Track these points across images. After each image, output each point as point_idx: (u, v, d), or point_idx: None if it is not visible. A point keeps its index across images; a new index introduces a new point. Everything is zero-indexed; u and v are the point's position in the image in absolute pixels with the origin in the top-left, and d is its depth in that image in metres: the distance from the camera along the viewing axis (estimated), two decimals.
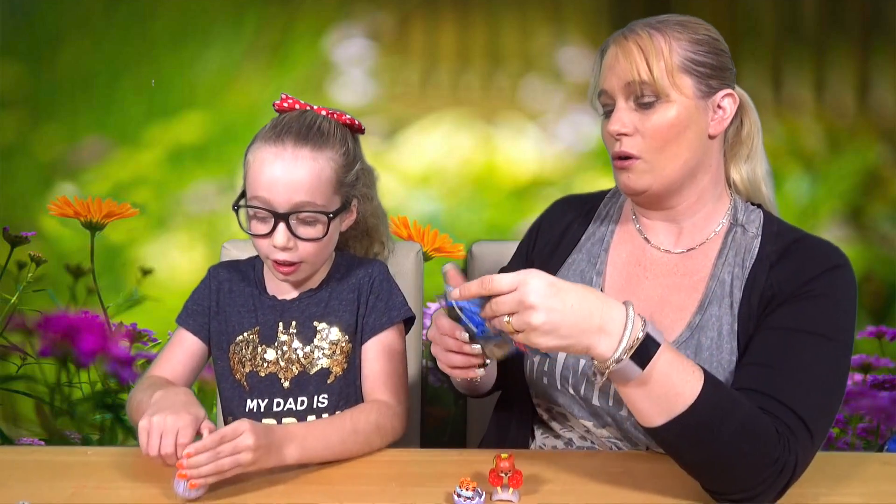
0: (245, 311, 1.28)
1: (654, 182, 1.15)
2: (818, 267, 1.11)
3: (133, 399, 1.22)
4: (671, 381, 0.96)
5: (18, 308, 2.00)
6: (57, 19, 2.00)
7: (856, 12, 1.98)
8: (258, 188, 1.18)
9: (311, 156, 1.19)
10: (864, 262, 1.98)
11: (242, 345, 1.27)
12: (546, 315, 0.91)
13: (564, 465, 1.13)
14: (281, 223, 1.18)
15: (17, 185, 2.03)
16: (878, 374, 2.00)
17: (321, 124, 1.23)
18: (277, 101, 1.26)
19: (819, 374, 1.05)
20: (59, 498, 1.03)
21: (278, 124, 1.21)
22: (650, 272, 1.21)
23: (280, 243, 1.18)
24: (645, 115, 1.13)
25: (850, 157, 2.01)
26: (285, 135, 1.19)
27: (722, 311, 1.14)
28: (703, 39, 1.15)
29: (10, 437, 2.03)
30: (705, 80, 1.14)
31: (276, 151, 1.18)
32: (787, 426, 1.00)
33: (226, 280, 1.32)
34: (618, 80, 1.14)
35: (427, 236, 1.96)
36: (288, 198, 1.18)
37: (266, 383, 1.25)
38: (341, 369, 1.26)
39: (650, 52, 1.12)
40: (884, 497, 1.07)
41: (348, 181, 1.24)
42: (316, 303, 1.27)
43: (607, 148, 1.19)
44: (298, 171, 1.18)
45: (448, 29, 2.00)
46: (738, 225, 1.19)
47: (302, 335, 1.26)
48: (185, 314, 1.31)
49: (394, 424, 1.21)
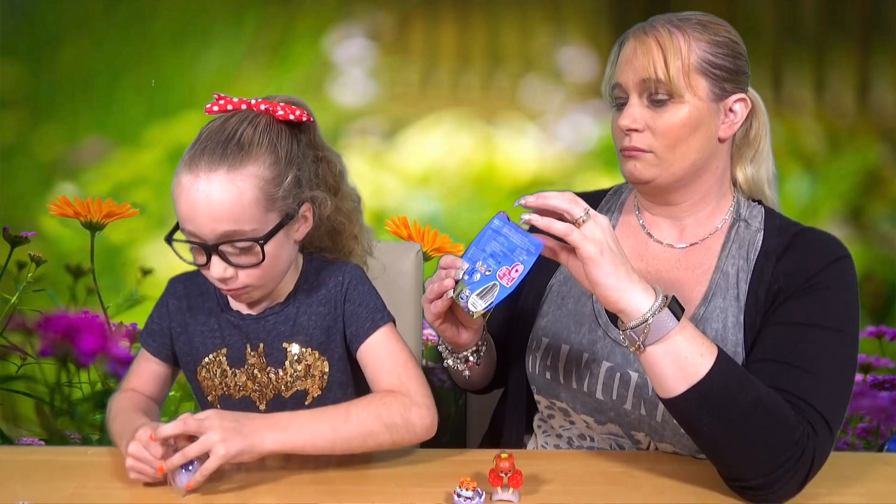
0: (208, 330, 1.18)
1: (659, 175, 1.16)
2: (823, 259, 1.13)
3: (109, 427, 1.17)
4: (695, 342, 1.00)
5: (18, 308, 2.00)
6: (57, 19, 2.00)
7: (856, 12, 1.98)
8: (182, 220, 1.07)
9: (226, 178, 1.05)
10: (864, 262, 1.98)
11: (210, 367, 1.18)
12: (605, 235, 1.00)
13: (564, 465, 1.13)
14: (213, 255, 1.07)
15: (17, 185, 2.03)
16: (878, 374, 2.01)
17: (241, 134, 1.07)
18: (209, 104, 1.11)
19: (831, 367, 1.07)
20: (59, 498, 1.03)
21: (197, 141, 1.08)
22: (653, 267, 1.22)
23: (217, 275, 1.08)
24: (657, 113, 1.14)
25: (850, 157, 2.01)
26: (199, 156, 1.06)
27: (727, 304, 1.15)
28: (722, 42, 1.15)
29: (10, 437, 2.03)
30: (720, 84, 1.14)
31: (191, 179, 1.05)
32: (807, 420, 1.02)
33: (184, 296, 1.21)
34: (633, 75, 1.14)
35: (427, 236, 1.96)
36: (211, 228, 1.05)
37: (241, 406, 1.17)
38: (319, 389, 1.17)
39: (669, 50, 1.12)
40: (884, 497, 1.08)
41: (283, 194, 1.08)
42: (283, 320, 1.16)
43: (615, 140, 1.20)
44: (215, 199, 1.04)
45: (448, 29, 2.00)
46: (741, 220, 1.20)
47: (272, 357, 1.16)
48: (146, 334, 1.22)
49: (403, 414, 1.08)
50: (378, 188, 2.00)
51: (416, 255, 1.57)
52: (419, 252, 1.59)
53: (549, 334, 1.23)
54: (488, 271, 1.07)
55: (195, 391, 1.23)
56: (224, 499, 1.02)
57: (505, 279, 1.05)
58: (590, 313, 1.21)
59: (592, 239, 1.00)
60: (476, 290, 1.06)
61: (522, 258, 1.04)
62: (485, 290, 1.06)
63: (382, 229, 1.94)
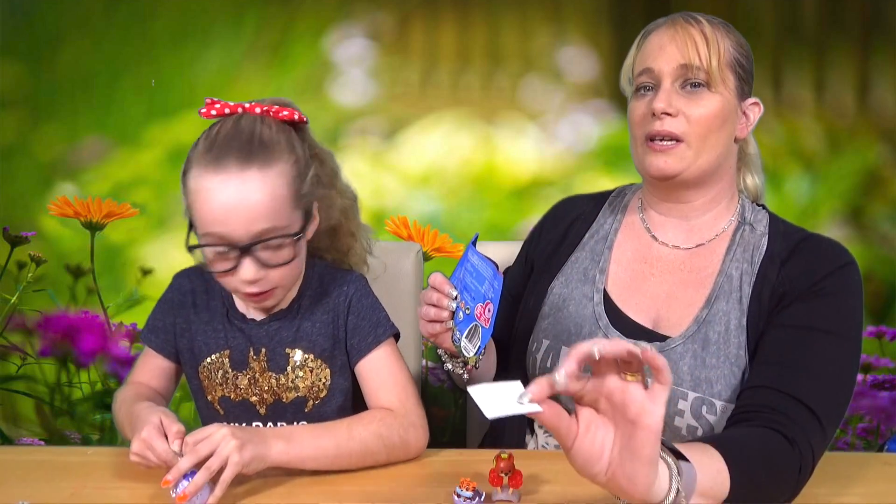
0: (211, 330, 1.18)
1: (686, 169, 1.16)
2: (829, 265, 1.13)
3: (116, 418, 1.19)
4: (710, 476, 0.92)
5: (18, 308, 2.00)
6: (57, 19, 2.00)
7: (856, 12, 1.98)
8: (210, 223, 1.04)
9: (259, 176, 1.04)
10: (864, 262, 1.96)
11: (212, 368, 1.18)
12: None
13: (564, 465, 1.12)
14: (245, 258, 1.05)
15: (17, 185, 2.03)
16: (878, 374, 2.01)
17: (261, 134, 1.07)
18: (203, 108, 1.11)
19: (830, 370, 1.07)
20: (59, 498, 1.03)
21: (214, 143, 1.06)
22: (657, 269, 1.22)
23: (249, 277, 1.06)
24: (690, 100, 1.15)
25: (850, 157, 2.01)
26: (224, 157, 1.04)
27: (730, 306, 1.15)
28: (743, 44, 1.19)
29: (10, 437, 2.03)
30: (743, 83, 1.18)
31: (222, 179, 1.03)
32: (800, 424, 1.02)
33: (189, 292, 1.20)
34: (671, 60, 1.15)
35: (427, 236, 1.96)
36: (246, 229, 1.04)
37: (241, 409, 1.18)
38: (320, 397, 1.18)
39: (711, 40, 1.15)
40: (884, 497, 1.07)
41: (305, 191, 1.10)
42: (287, 327, 1.17)
43: (638, 127, 1.18)
44: (251, 198, 1.04)
45: (448, 29, 2.00)
46: (746, 223, 1.21)
47: (273, 363, 1.16)
48: (147, 330, 1.22)
49: (402, 435, 1.11)
50: (378, 188, 2.00)
51: (416, 255, 1.57)
52: (419, 252, 1.59)
53: (550, 336, 1.23)
54: (467, 309, 1.08)
55: (194, 390, 1.22)
56: (224, 499, 1.02)
57: (482, 319, 1.06)
58: (590, 315, 1.21)
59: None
60: (464, 332, 1.08)
61: (490, 294, 1.04)
62: (470, 332, 1.08)
63: (382, 229, 1.94)
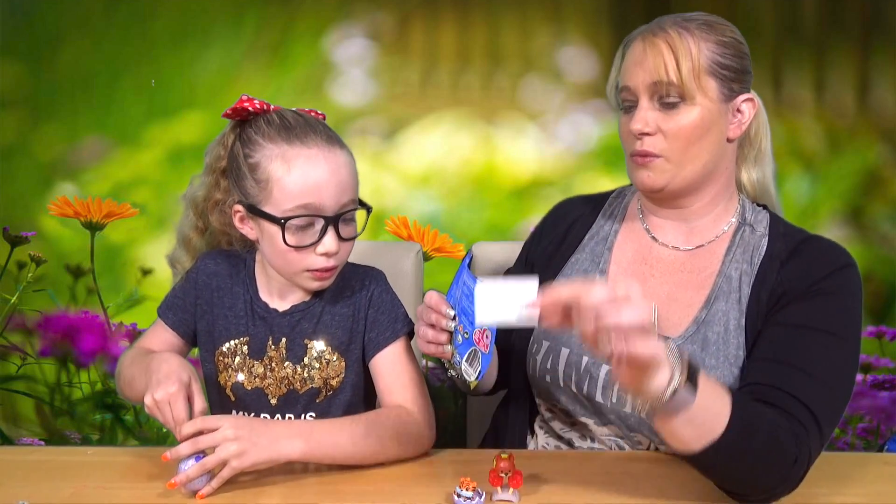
0: (233, 316, 1.20)
1: (672, 181, 1.15)
2: (829, 265, 1.13)
3: (123, 375, 1.19)
4: (713, 402, 0.95)
5: (18, 308, 2.00)
6: (57, 19, 2.00)
7: (856, 12, 1.98)
8: (304, 195, 1.10)
9: (343, 152, 1.14)
10: (864, 262, 1.97)
11: (230, 353, 1.20)
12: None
13: (564, 465, 1.13)
14: (330, 227, 1.12)
15: (17, 185, 2.03)
16: (878, 374, 2.01)
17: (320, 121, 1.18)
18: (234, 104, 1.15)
19: (828, 369, 1.07)
20: (59, 498, 1.03)
21: (290, 125, 1.13)
22: (657, 270, 1.22)
23: (331, 248, 1.12)
24: (668, 116, 1.13)
25: (850, 157, 2.01)
26: (309, 133, 1.12)
27: (729, 307, 1.15)
28: (728, 42, 1.15)
29: (10, 437, 2.03)
30: (728, 84, 1.14)
31: (315, 153, 1.11)
32: (799, 420, 1.02)
33: (214, 275, 1.22)
34: (644, 78, 1.13)
35: (427, 236, 1.96)
36: (337, 199, 1.12)
37: (252, 397, 1.19)
38: (333, 388, 1.19)
39: (679, 52, 1.12)
40: (884, 497, 1.08)
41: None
42: (308, 318, 1.19)
43: (624, 144, 1.19)
44: (342, 170, 1.13)
45: (448, 29, 2.00)
46: (747, 224, 1.20)
47: (292, 353, 1.19)
48: (166, 306, 1.24)
49: (413, 431, 1.14)
50: (378, 188, 2.00)
51: (416, 255, 1.57)
52: (419, 252, 1.59)
53: (550, 337, 1.23)
54: (466, 333, 1.08)
55: (206, 374, 1.23)
56: (224, 498, 1.02)
57: (481, 345, 1.06)
58: None
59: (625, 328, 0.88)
60: (464, 356, 1.08)
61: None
62: (470, 356, 1.08)
63: (382, 229, 1.94)
